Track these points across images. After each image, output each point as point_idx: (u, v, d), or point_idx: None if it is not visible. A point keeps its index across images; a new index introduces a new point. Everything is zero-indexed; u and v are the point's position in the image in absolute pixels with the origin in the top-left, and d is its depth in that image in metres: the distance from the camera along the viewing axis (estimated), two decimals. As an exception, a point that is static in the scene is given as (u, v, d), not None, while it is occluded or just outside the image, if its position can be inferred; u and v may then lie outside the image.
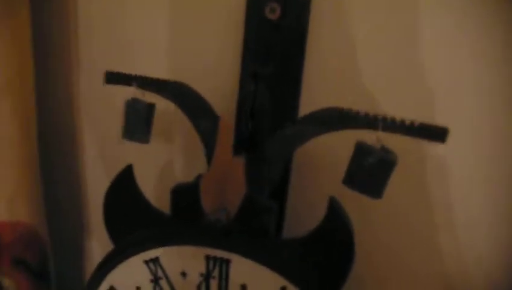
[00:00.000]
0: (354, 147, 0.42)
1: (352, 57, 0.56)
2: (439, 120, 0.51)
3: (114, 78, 0.55)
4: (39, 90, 0.66)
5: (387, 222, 0.59)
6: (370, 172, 0.41)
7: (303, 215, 0.60)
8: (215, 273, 0.51)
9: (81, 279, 0.83)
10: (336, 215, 0.47)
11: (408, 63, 0.54)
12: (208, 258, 0.51)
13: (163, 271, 0.53)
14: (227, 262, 0.50)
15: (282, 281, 0.49)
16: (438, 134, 0.41)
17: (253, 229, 0.49)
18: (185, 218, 0.52)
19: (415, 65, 0.53)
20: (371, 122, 0.41)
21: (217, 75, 0.61)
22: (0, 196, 0.62)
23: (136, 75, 0.52)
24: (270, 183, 0.50)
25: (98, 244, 0.79)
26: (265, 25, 0.54)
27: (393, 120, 0.41)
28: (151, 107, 0.52)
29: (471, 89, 0.51)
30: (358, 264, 0.51)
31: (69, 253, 0.81)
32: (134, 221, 0.55)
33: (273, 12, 0.53)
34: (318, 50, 0.56)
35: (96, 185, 0.77)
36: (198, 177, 0.51)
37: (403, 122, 0.41)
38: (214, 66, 0.62)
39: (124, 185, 0.54)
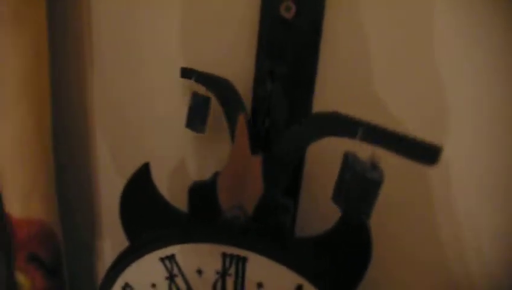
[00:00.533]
0: (342, 159, 0.38)
1: (366, 56, 0.56)
2: (443, 116, 0.53)
3: (183, 72, 0.60)
4: (53, 90, 0.66)
5: (390, 217, 0.59)
6: (353, 189, 0.37)
7: (314, 215, 0.60)
8: (232, 271, 0.51)
9: (93, 277, 0.83)
10: (353, 215, 0.47)
11: (422, 63, 0.54)
12: (224, 255, 0.51)
13: (179, 269, 0.53)
14: (243, 260, 0.50)
15: (298, 279, 0.49)
16: (427, 154, 0.34)
17: (270, 228, 0.49)
18: (202, 216, 0.52)
19: (429, 65, 0.53)
20: (350, 128, 0.36)
21: (232, 74, 0.61)
22: (15, 193, 0.63)
23: (195, 70, 0.57)
24: (285, 180, 0.51)
25: (110, 242, 0.80)
26: (280, 23, 0.54)
27: (376, 130, 0.35)
28: (207, 100, 0.56)
29: (474, 88, 0.51)
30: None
31: (81, 251, 0.81)
32: (150, 219, 0.55)
33: (288, 10, 0.53)
34: (332, 49, 0.56)
35: (108, 184, 0.77)
36: (215, 175, 0.51)
37: (388, 134, 0.35)
38: (228, 64, 0.62)
39: (140, 183, 0.55)
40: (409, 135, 0.34)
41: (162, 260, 0.53)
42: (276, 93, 0.56)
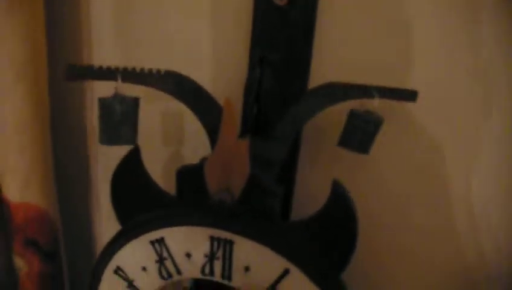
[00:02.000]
0: (348, 114, 0.49)
1: (361, 43, 0.56)
2: (449, 106, 0.54)
3: (87, 72, 0.50)
4: (51, 76, 0.67)
5: (391, 211, 0.61)
6: (361, 133, 0.48)
7: (310, 200, 0.60)
8: (219, 254, 0.52)
9: (92, 261, 0.84)
10: (339, 198, 0.47)
11: (416, 49, 0.54)
12: (212, 239, 0.51)
13: (168, 252, 0.54)
14: (230, 243, 0.51)
15: (285, 263, 0.49)
16: (412, 96, 0.48)
17: (257, 211, 0.50)
18: (189, 199, 0.52)
19: (422, 51, 0.54)
20: (369, 92, 0.47)
21: (227, 61, 0.62)
22: (13, 178, 0.64)
23: (120, 68, 0.48)
24: (278, 163, 0.51)
25: (109, 229, 0.80)
26: (274, 11, 0.54)
27: (385, 89, 0.47)
28: (136, 101, 0.48)
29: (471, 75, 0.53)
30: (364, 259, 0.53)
31: (81, 238, 0.82)
32: (140, 202, 0.55)
33: (281, -2, 0.53)
34: (327, 37, 0.56)
35: (107, 170, 0.77)
36: (204, 159, 0.52)
37: (392, 89, 0.48)
38: (223, 51, 0.62)
39: (131, 166, 0.55)
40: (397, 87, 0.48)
41: (152, 243, 0.54)
42: (268, 79, 0.56)
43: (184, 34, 0.64)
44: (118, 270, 0.57)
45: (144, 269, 0.56)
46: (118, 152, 0.74)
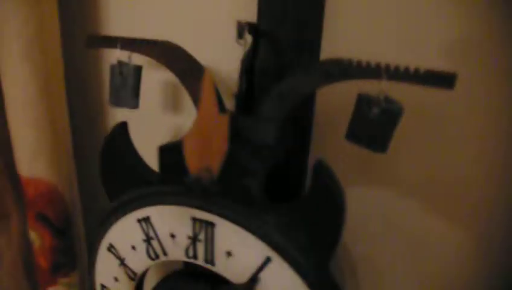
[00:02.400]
0: (355, 100, 0.39)
1: (374, 22, 0.52)
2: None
3: (96, 41, 0.55)
4: (66, 51, 0.67)
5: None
6: (374, 124, 0.38)
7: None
8: (202, 236, 0.49)
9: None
10: (323, 180, 0.42)
11: (430, 24, 0.50)
12: (194, 220, 0.49)
13: (154, 231, 0.52)
14: (212, 225, 0.48)
15: (267, 250, 0.45)
16: (445, 80, 0.35)
17: (236, 192, 0.46)
18: (170, 177, 0.50)
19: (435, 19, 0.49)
20: (374, 71, 0.38)
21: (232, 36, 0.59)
22: (22, 154, 0.65)
23: (119, 36, 0.49)
24: (265, 144, 0.47)
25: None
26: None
27: (397, 68, 0.37)
28: (138, 69, 0.50)
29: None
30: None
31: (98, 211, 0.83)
32: (128, 179, 0.54)
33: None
34: (337, 12, 0.53)
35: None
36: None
37: (407, 70, 0.37)
38: (228, 26, 0.58)
39: (118, 142, 0.54)
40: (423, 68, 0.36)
41: (139, 221, 0.52)
42: (265, 53, 0.53)
43: (187, 7, 0.62)
44: (110, 248, 0.57)
45: (134, 248, 0.54)
46: (135, 127, 0.74)
